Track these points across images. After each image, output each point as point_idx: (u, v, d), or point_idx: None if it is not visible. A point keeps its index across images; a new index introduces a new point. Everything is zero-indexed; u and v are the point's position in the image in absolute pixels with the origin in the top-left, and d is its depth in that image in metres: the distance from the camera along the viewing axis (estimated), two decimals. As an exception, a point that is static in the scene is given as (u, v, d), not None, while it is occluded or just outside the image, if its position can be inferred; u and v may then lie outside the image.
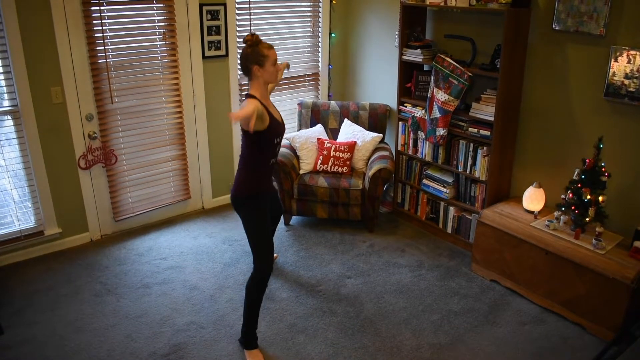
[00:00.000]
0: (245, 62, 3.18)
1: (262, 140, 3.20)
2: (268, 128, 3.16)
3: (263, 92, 3.23)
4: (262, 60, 3.16)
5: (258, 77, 3.19)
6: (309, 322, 3.74)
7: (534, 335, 3.63)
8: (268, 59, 3.17)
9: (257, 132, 3.13)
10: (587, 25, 3.75)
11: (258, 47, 3.16)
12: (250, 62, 3.15)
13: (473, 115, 4.37)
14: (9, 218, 4.35)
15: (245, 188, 3.30)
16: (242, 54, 3.19)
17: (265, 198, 3.41)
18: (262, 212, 3.35)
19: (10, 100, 4.11)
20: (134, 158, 4.81)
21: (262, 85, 3.22)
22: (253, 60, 3.14)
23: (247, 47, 3.16)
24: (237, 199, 3.33)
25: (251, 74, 3.19)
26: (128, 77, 4.59)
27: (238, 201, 3.34)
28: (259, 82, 3.20)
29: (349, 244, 4.79)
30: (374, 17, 5.53)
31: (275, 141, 3.28)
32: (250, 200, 3.31)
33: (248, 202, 3.31)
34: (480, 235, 4.23)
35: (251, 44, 3.16)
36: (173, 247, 4.70)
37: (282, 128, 3.35)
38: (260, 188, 3.34)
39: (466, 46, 4.47)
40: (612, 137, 3.77)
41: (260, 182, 3.33)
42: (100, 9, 4.27)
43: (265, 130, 3.15)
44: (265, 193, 3.39)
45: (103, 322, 3.70)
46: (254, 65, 3.15)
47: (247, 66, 3.18)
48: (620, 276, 3.38)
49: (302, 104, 5.51)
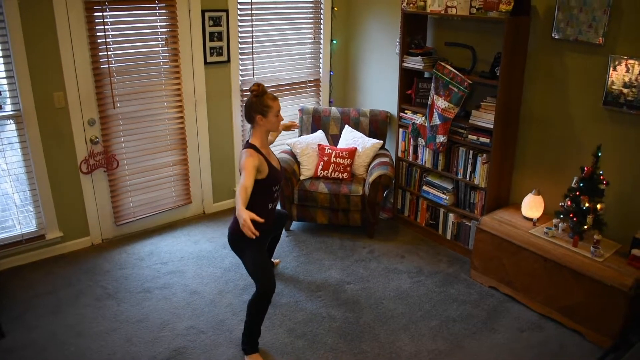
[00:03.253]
0: (249, 110, 3.26)
1: (261, 188, 3.24)
2: (267, 177, 3.24)
3: (263, 141, 3.31)
4: (266, 111, 3.24)
5: (260, 126, 3.27)
6: (309, 327, 3.76)
7: (532, 341, 3.65)
8: (272, 110, 3.25)
9: (256, 180, 3.16)
10: (586, 34, 3.78)
11: (263, 97, 3.24)
12: (254, 112, 3.24)
13: (473, 122, 4.39)
14: (11, 222, 4.37)
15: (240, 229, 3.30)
16: (246, 103, 3.28)
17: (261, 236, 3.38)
18: (259, 245, 3.37)
19: (13, 105, 4.14)
20: (135, 163, 4.83)
21: (263, 134, 3.30)
22: (257, 110, 3.22)
23: (253, 96, 3.24)
24: (233, 237, 3.39)
25: (254, 122, 3.27)
26: (130, 83, 4.62)
27: (234, 238, 3.39)
28: (260, 130, 3.29)
29: (349, 249, 4.81)
30: (375, 24, 5.56)
31: (273, 189, 3.35)
32: (247, 239, 3.26)
33: (243, 239, 3.27)
34: (479, 242, 4.25)
35: (257, 93, 3.24)
36: (174, 251, 4.72)
37: (281, 175, 3.43)
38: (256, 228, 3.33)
39: (466, 54, 4.50)
40: (611, 146, 3.79)
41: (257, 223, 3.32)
42: (103, 15, 4.30)
43: (264, 179, 3.22)
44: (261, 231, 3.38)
45: (104, 326, 3.72)
46: (257, 114, 3.23)
47: (250, 115, 3.27)
48: (618, 283, 3.40)
49: (303, 110, 5.53)
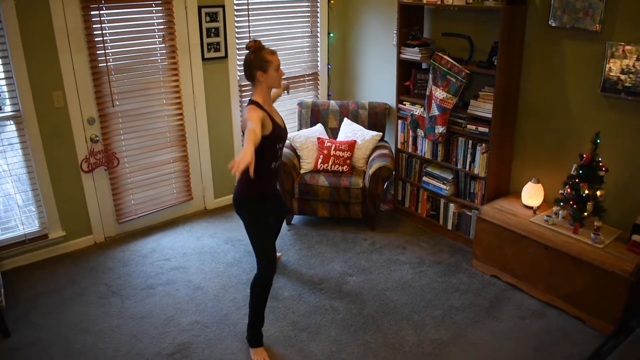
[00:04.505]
0: (248, 68, 3.21)
1: (265, 146, 3.20)
2: (270, 134, 3.18)
3: (266, 98, 3.25)
4: (266, 66, 3.18)
5: (261, 83, 3.21)
6: (312, 319, 3.78)
7: (535, 329, 3.67)
8: (271, 64, 3.20)
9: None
10: (582, 21, 3.78)
11: (261, 52, 3.18)
12: (254, 68, 3.18)
13: (471, 112, 4.40)
14: (14, 222, 4.39)
15: (247, 191, 3.32)
16: (245, 60, 3.22)
17: (268, 202, 3.43)
18: (264, 215, 3.37)
19: (13, 106, 4.15)
20: (135, 160, 4.85)
21: (265, 91, 3.24)
22: (256, 65, 3.17)
23: (250, 53, 3.19)
24: (239, 201, 3.36)
25: (254, 79, 3.22)
26: (128, 80, 4.62)
27: (240, 204, 3.36)
28: (262, 87, 3.23)
29: (351, 242, 4.83)
30: (372, 16, 5.56)
31: (277, 146, 3.30)
32: (252, 203, 3.33)
33: (249, 205, 3.33)
34: (480, 231, 4.27)
35: (254, 49, 3.19)
36: (176, 248, 4.74)
37: (285, 133, 3.38)
38: (262, 192, 3.35)
39: (464, 44, 4.50)
40: (609, 132, 3.80)
41: (262, 186, 3.34)
42: (100, 13, 4.31)
43: (267, 136, 3.17)
44: (267, 197, 3.41)
45: (108, 323, 3.75)
46: (257, 71, 3.18)
47: (250, 72, 3.21)
48: (619, 269, 3.42)
49: (302, 104, 5.54)
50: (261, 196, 3.35)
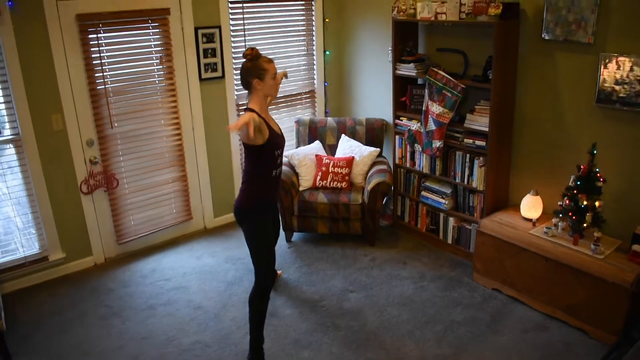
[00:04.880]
0: (245, 75, 3.22)
1: (263, 154, 3.23)
2: (268, 141, 3.20)
3: (262, 106, 3.28)
4: (262, 74, 3.20)
5: (258, 91, 3.23)
6: (313, 337, 3.76)
7: (537, 342, 3.65)
8: (268, 73, 3.22)
9: (257, 145, 3.18)
10: (575, 34, 3.81)
11: (258, 60, 3.20)
12: (251, 76, 3.20)
13: (468, 126, 4.42)
14: (13, 245, 4.40)
15: (247, 200, 3.33)
16: (242, 68, 3.23)
17: (268, 211, 3.43)
18: (265, 223, 3.38)
19: (12, 129, 4.18)
20: (135, 181, 4.86)
21: (261, 99, 3.26)
22: (253, 74, 3.18)
23: (248, 61, 3.21)
24: (240, 210, 3.37)
25: (251, 87, 3.23)
26: (127, 102, 4.66)
27: (241, 213, 3.37)
28: (258, 95, 3.25)
29: (351, 258, 4.82)
30: (367, 34, 5.61)
31: (276, 153, 3.32)
32: (253, 213, 3.34)
33: (251, 215, 3.35)
34: (480, 244, 4.27)
35: (251, 57, 3.20)
36: (176, 267, 4.74)
37: (282, 140, 3.40)
38: (263, 201, 3.37)
39: (458, 59, 4.54)
40: (606, 143, 3.82)
41: (263, 194, 3.36)
42: (98, 37, 4.35)
43: (265, 143, 3.19)
44: (268, 205, 3.42)
45: (109, 345, 3.73)
46: (254, 79, 3.19)
47: (247, 80, 3.23)
48: (620, 280, 3.41)
49: (300, 122, 5.57)
50: (262, 205, 3.36)
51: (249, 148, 3.22)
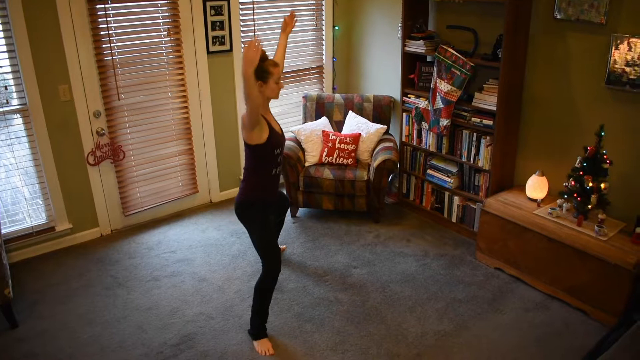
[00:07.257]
0: None
1: (263, 152, 3.26)
2: (268, 139, 3.22)
3: (264, 107, 3.29)
4: (266, 77, 3.20)
5: (260, 92, 3.22)
6: (316, 311, 3.81)
7: (538, 321, 3.68)
8: (272, 76, 3.22)
9: (257, 144, 3.19)
10: (588, 13, 3.76)
11: (264, 63, 3.18)
12: (255, 78, 3.19)
13: (476, 105, 4.40)
14: (21, 215, 4.44)
15: (248, 197, 3.37)
16: None
17: (269, 207, 3.46)
18: (266, 219, 3.40)
19: (19, 99, 4.19)
20: (141, 153, 4.88)
21: (263, 100, 3.27)
22: (257, 76, 3.15)
23: None
24: (241, 207, 3.41)
25: None
26: (134, 74, 4.65)
27: (241, 209, 3.41)
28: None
29: (355, 234, 4.85)
30: (376, 9, 5.55)
31: (276, 152, 3.34)
32: (254, 208, 3.37)
33: (252, 210, 3.37)
34: (484, 224, 4.27)
35: None
36: (182, 240, 4.78)
37: (283, 139, 3.42)
38: (264, 198, 3.40)
39: (468, 37, 4.49)
40: (614, 125, 3.79)
41: (263, 192, 3.39)
42: (105, 7, 4.33)
43: (265, 141, 3.21)
44: (269, 203, 3.45)
45: (114, 314, 3.79)
46: (257, 81, 3.16)
47: None
48: (623, 262, 3.42)
49: (307, 97, 5.55)
50: (263, 202, 3.39)
51: (249, 146, 3.25)
